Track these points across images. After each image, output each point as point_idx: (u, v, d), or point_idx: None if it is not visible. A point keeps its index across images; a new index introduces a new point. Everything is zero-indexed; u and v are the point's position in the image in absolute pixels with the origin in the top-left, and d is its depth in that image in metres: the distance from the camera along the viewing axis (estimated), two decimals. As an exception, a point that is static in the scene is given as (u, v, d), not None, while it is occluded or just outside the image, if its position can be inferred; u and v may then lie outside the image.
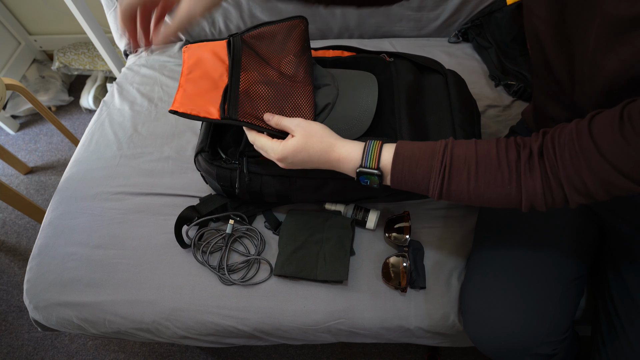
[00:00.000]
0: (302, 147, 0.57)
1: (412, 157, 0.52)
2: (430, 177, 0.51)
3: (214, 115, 0.62)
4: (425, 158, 0.51)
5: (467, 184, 0.49)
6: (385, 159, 0.54)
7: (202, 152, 0.70)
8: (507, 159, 0.48)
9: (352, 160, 0.56)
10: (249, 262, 0.74)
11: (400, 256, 0.71)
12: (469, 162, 0.49)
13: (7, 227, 1.38)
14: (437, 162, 0.50)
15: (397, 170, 0.53)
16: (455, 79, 0.79)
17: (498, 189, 0.48)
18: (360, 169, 0.55)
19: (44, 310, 0.74)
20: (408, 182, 0.53)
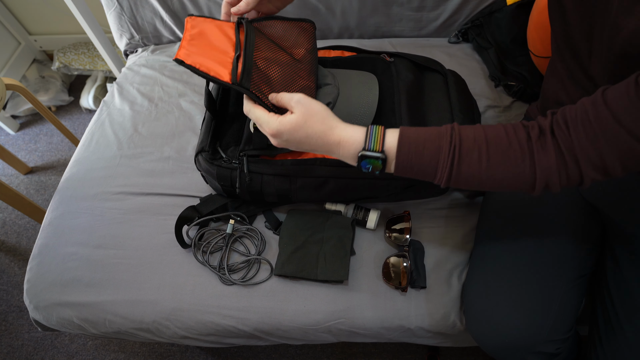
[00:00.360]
0: (300, 125, 0.52)
1: (418, 139, 0.49)
2: (439, 158, 0.48)
3: (225, 77, 0.57)
4: (432, 140, 0.48)
5: (478, 164, 0.47)
6: (390, 142, 0.50)
7: (202, 152, 0.70)
8: (517, 138, 0.46)
9: (354, 144, 0.51)
10: (249, 262, 0.74)
11: (400, 256, 0.71)
12: (479, 143, 0.47)
13: (7, 227, 1.38)
14: (446, 142, 0.48)
15: (402, 152, 0.49)
16: (455, 79, 0.79)
17: (511, 169, 0.46)
18: (363, 152, 0.50)
19: (44, 310, 0.74)
20: (414, 166, 0.49)
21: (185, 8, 1.09)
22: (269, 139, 0.56)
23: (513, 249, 0.65)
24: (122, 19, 1.11)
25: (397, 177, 0.69)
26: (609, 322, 0.61)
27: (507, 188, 0.48)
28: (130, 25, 1.13)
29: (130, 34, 1.15)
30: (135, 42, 1.17)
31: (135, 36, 1.15)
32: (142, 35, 1.16)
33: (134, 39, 1.16)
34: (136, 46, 1.19)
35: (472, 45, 1.10)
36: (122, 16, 1.11)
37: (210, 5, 1.09)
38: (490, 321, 0.62)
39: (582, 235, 0.65)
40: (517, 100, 0.97)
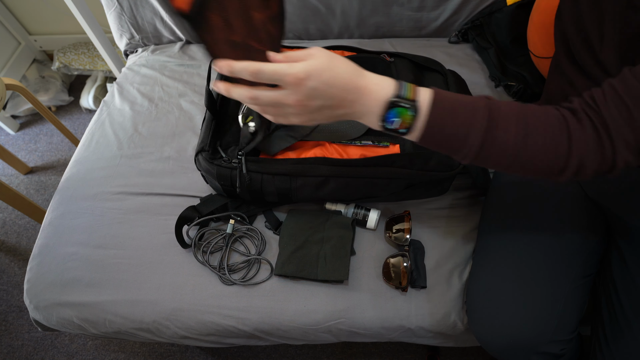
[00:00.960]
0: (327, 65, 0.45)
1: (454, 98, 0.45)
2: (474, 120, 0.44)
3: None
4: (467, 106, 0.44)
5: (515, 133, 0.43)
6: (423, 95, 0.45)
7: (202, 152, 0.70)
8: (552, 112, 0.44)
9: (384, 89, 0.45)
10: (249, 262, 0.74)
11: (400, 256, 0.71)
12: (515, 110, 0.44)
13: (7, 227, 1.38)
14: (483, 106, 0.44)
15: (436, 108, 0.44)
16: (455, 79, 0.80)
17: (548, 140, 0.43)
18: (394, 98, 0.44)
19: (44, 310, 0.74)
20: (446, 128, 0.45)
21: (185, 8, 1.09)
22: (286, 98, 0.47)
23: (516, 248, 0.65)
24: (122, 19, 1.11)
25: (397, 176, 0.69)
26: (616, 321, 0.60)
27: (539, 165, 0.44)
28: (131, 25, 1.13)
29: (130, 34, 1.15)
30: (135, 42, 1.17)
31: (135, 36, 1.15)
32: (142, 35, 1.16)
33: (134, 39, 1.16)
34: (136, 46, 1.19)
35: (472, 45, 1.10)
36: (122, 16, 1.11)
37: (211, 5, 1.09)
38: (494, 321, 0.61)
39: (586, 234, 0.65)
40: (517, 101, 0.97)
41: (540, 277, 0.61)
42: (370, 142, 0.72)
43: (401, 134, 0.46)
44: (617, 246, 0.65)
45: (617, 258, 0.64)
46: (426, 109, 0.44)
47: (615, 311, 0.61)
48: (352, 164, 0.68)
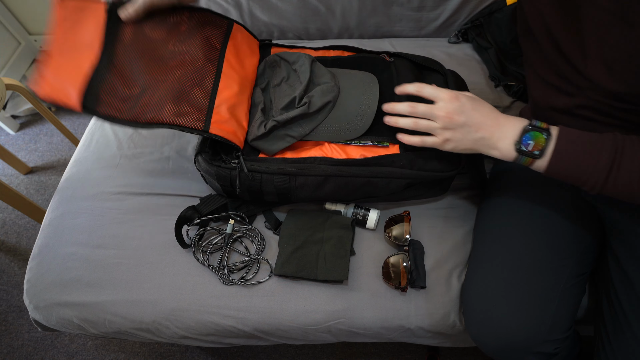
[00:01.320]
0: (473, 96, 0.58)
1: (581, 134, 0.52)
2: (600, 159, 0.50)
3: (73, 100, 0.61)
4: (595, 137, 0.51)
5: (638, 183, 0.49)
6: (553, 127, 0.54)
7: (202, 152, 0.70)
8: None
9: (519, 121, 0.55)
10: (249, 262, 0.74)
11: (400, 256, 0.71)
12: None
13: (7, 227, 1.38)
14: (609, 145, 0.50)
15: (564, 139, 0.52)
16: (455, 79, 0.79)
17: None
18: (529, 126, 0.54)
19: (44, 310, 0.74)
20: (570, 165, 0.52)
21: (185, 8, 1.09)
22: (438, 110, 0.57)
23: (511, 248, 0.65)
24: (122, 19, 1.11)
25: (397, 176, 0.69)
26: (616, 319, 0.60)
27: None
28: (130, 25, 1.12)
29: (130, 34, 1.15)
30: (135, 42, 1.17)
31: (135, 36, 1.15)
32: (142, 35, 1.15)
33: (134, 39, 1.16)
34: (136, 46, 1.19)
35: (472, 45, 1.10)
36: (122, 16, 1.10)
37: (210, 5, 1.09)
38: (489, 322, 0.61)
39: (580, 233, 0.66)
40: (517, 101, 0.97)
41: (533, 277, 0.62)
42: (370, 142, 0.72)
43: (535, 156, 0.54)
44: (611, 247, 0.65)
45: (613, 259, 0.64)
46: (556, 134, 0.53)
47: (615, 309, 0.61)
48: (352, 164, 0.68)
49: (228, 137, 0.66)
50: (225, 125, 0.67)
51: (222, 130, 0.66)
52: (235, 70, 0.74)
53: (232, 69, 0.74)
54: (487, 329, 0.62)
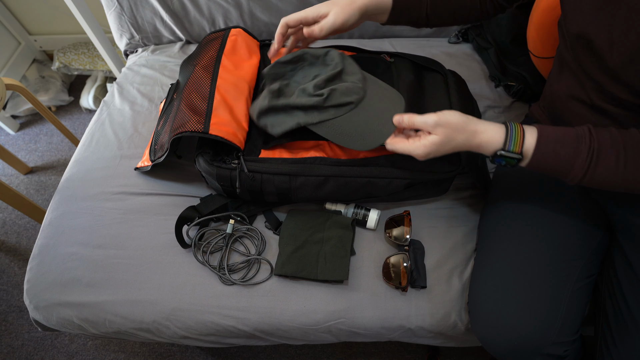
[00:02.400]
0: (445, 142, 0.58)
1: (557, 140, 0.53)
2: (576, 160, 0.52)
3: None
4: (570, 142, 0.53)
5: (615, 167, 0.51)
6: (529, 142, 0.54)
7: (202, 153, 0.70)
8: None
9: (494, 144, 0.56)
10: (249, 262, 0.74)
11: (400, 255, 0.71)
12: (617, 146, 0.51)
13: (7, 227, 1.38)
14: (585, 146, 0.52)
15: (540, 151, 0.54)
16: (455, 79, 0.80)
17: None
18: (502, 152, 0.55)
19: (44, 310, 0.74)
20: (549, 164, 0.54)
21: (185, 8, 1.09)
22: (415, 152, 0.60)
23: (519, 248, 0.65)
24: (122, 19, 1.11)
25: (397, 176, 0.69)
26: (622, 320, 0.60)
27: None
28: (130, 25, 1.13)
29: (130, 34, 1.15)
30: (135, 42, 1.17)
31: (135, 36, 1.15)
32: (142, 35, 1.16)
33: (134, 39, 1.16)
34: (136, 46, 1.19)
35: (472, 45, 1.10)
36: (122, 16, 1.11)
37: (210, 5, 1.09)
38: (497, 323, 0.61)
39: (588, 233, 0.65)
40: (517, 101, 0.97)
41: (543, 278, 0.61)
42: None
43: (506, 166, 0.57)
44: (619, 245, 0.65)
45: (620, 257, 0.64)
46: (529, 155, 0.55)
47: (621, 310, 0.60)
48: (352, 164, 0.68)
49: (228, 138, 0.67)
50: (225, 126, 0.68)
51: (221, 131, 0.67)
52: (231, 72, 0.76)
53: (228, 72, 0.75)
54: (495, 330, 0.61)
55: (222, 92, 0.72)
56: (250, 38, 0.85)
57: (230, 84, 0.74)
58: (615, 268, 0.64)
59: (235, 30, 0.83)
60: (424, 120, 0.57)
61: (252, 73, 0.80)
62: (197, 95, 0.71)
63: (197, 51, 0.82)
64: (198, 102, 0.70)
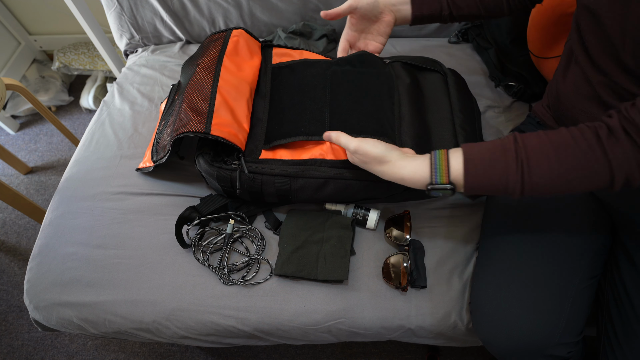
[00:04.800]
0: (363, 165, 0.61)
1: (484, 159, 0.51)
2: (508, 175, 0.49)
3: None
4: (497, 158, 0.50)
5: (549, 173, 0.48)
6: (456, 169, 0.52)
7: (203, 153, 0.70)
8: (584, 139, 0.47)
9: (420, 179, 0.54)
10: (249, 262, 0.74)
11: (400, 255, 0.71)
12: (547, 151, 0.48)
13: (7, 227, 1.38)
14: (512, 158, 0.49)
15: (470, 176, 0.51)
16: (455, 78, 0.79)
17: (585, 171, 0.47)
18: (432, 186, 0.53)
19: (44, 310, 0.74)
20: (484, 187, 0.51)
21: (185, 8, 1.09)
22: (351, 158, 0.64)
23: (522, 249, 0.64)
24: (122, 19, 1.11)
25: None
26: (627, 320, 0.59)
27: (585, 189, 0.49)
28: (130, 25, 1.13)
29: (130, 34, 1.15)
30: (135, 42, 1.17)
31: (135, 36, 1.15)
32: (142, 35, 1.16)
33: (134, 39, 1.16)
34: (136, 46, 1.19)
35: (472, 45, 1.10)
36: (122, 16, 1.11)
37: (210, 5, 1.09)
38: (499, 323, 0.60)
39: (592, 233, 0.65)
40: (517, 101, 0.97)
41: (546, 278, 0.60)
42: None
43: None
44: (623, 245, 0.64)
45: (624, 257, 0.63)
46: (461, 182, 0.52)
47: (626, 311, 0.60)
48: (353, 166, 0.68)
49: (229, 139, 0.67)
50: (226, 127, 0.68)
51: (223, 132, 0.67)
52: (233, 74, 0.76)
53: (230, 73, 0.75)
54: (498, 330, 0.60)
55: (223, 93, 0.72)
56: (251, 39, 0.85)
57: (231, 85, 0.74)
58: (619, 268, 0.63)
59: (237, 31, 0.83)
60: (346, 143, 0.61)
61: (253, 74, 0.80)
62: (198, 96, 0.71)
63: (199, 52, 0.82)
64: (199, 103, 0.70)
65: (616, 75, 0.54)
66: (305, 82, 0.77)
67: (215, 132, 0.66)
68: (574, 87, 0.63)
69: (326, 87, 0.76)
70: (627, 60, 0.52)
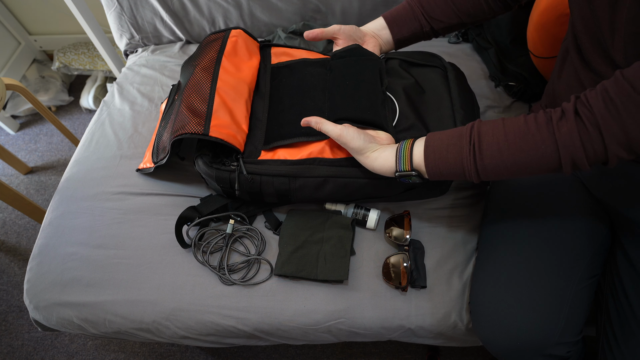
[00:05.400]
0: (345, 146, 0.63)
1: (441, 145, 0.54)
2: (462, 158, 0.52)
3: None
4: (454, 143, 0.53)
5: (499, 155, 0.50)
6: (417, 157, 0.56)
7: (202, 155, 0.70)
8: (536, 123, 0.48)
9: (389, 168, 0.59)
10: (249, 262, 0.74)
11: (400, 255, 0.71)
12: (497, 135, 0.50)
13: (7, 227, 1.38)
14: (466, 142, 0.52)
15: (430, 162, 0.54)
16: (455, 73, 0.79)
17: (532, 152, 0.48)
18: (399, 173, 0.58)
19: (44, 310, 0.74)
20: (443, 171, 0.54)
21: (185, 8, 1.09)
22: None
23: (521, 249, 0.64)
24: (122, 19, 1.11)
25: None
26: (626, 320, 0.59)
27: (536, 172, 0.50)
28: (130, 25, 1.13)
29: (130, 34, 1.15)
30: (135, 42, 1.17)
31: (135, 36, 1.15)
32: (142, 35, 1.16)
33: (134, 39, 1.16)
34: (136, 46, 1.19)
35: (472, 45, 1.10)
36: (122, 16, 1.11)
37: (210, 5, 1.09)
38: (499, 323, 0.60)
39: (592, 233, 0.65)
40: (517, 101, 0.97)
41: (546, 278, 0.61)
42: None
43: (418, 182, 0.59)
44: (621, 245, 0.64)
45: (622, 257, 0.63)
46: (423, 168, 0.56)
47: (625, 311, 0.60)
48: (352, 164, 0.68)
49: (228, 140, 0.67)
50: (225, 128, 0.68)
51: (221, 133, 0.67)
52: (232, 74, 0.76)
53: (228, 73, 0.75)
54: (497, 330, 0.60)
55: (222, 94, 0.72)
56: (250, 39, 0.85)
57: (230, 86, 0.74)
58: (618, 268, 0.64)
59: (236, 31, 0.83)
60: (328, 130, 0.63)
61: (252, 75, 0.80)
62: (197, 97, 0.71)
63: (198, 52, 0.82)
64: (198, 104, 0.70)
65: (605, 73, 0.54)
66: (305, 82, 0.77)
67: (213, 133, 0.66)
68: (567, 87, 0.64)
69: (325, 87, 0.76)
70: (616, 57, 0.52)
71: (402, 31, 0.75)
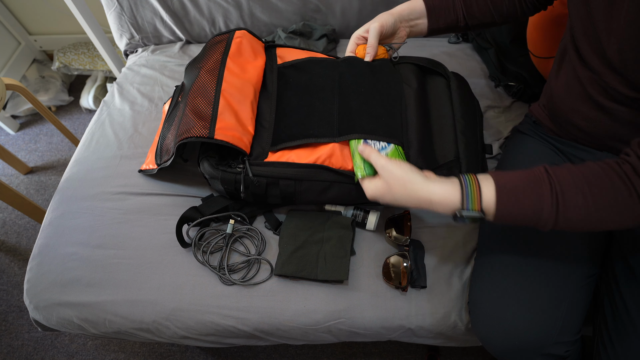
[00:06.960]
0: (387, 190, 0.58)
1: (517, 189, 0.50)
2: (542, 207, 0.49)
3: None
4: (531, 188, 0.50)
5: (585, 209, 0.48)
6: (487, 198, 0.51)
7: (207, 157, 0.70)
8: (618, 176, 0.47)
9: (450, 204, 0.53)
10: (249, 262, 0.74)
11: (400, 255, 0.71)
12: (580, 185, 0.48)
13: (7, 227, 1.38)
14: (547, 190, 0.49)
15: (502, 205, 0.51)
16: (457, 82, 0.79)
17: (618, 207, 0.47)
18: (462, 212, 0.52)
19: (44, 310, 0.74)
20: (516, 216, 0.51)
21: (185, 8, 1.09)
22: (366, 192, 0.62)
23: (520, 248, 0.64)
24: (122, 19, 1.11)
25: None
26: (620, 320, 0.59)
27: (617, 226, 0.49)
28: (130, 25, 1.13)
29: (130, 34, 1.15)
30: (135, 42, 1.17)
31: (135, 36, 1.15)
32: (142, 35, 1.16)
33: (134, 39, 1.16)
34: (136, 46, 1.19)
35: (472, 45, 1.10)
36: (122, 16, 1.11)
37: (210, 5, 1.09)
38: (498, 322, 0.60)
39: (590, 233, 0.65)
40: (517, 101, 0.97)
41: (544, 278, 0.61)
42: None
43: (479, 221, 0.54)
44: (618, 245, 0.65)
45: (618, 257, 0.64)
46: (492, 210, 0.51)
47: (619, 310, 0.60)
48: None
49: (234, 142, 0.67)
50: (231, 131, 0.68)
51: (227, 136, 0.67)
52: (237, 76, 0.75)
53: (234, 75, 0.75)
54: (496, 329, 0.61)
55: (227, 96, 0.71)
56: (255, 39, 0.85)
57: (235, 88, 0.73)
58: (613, 269, 0.64)
59: (240, 32, 0.82)
60: (375, 159, 0.60)
61: (257, 75, 0.79)
62: (202, 100, 0.70)
63: (202, 54, 0.82)
64: (203, 107, 0.69)
65: (603, 73, 0.55)
66: (313, 82, 0.77)
67: (219, 136, 0.66)
68: (565, 86, 0.64)
69: (335, 89, 0.75)
70: (613, 58, 0.52)
71: (438, 22, 0.75)
